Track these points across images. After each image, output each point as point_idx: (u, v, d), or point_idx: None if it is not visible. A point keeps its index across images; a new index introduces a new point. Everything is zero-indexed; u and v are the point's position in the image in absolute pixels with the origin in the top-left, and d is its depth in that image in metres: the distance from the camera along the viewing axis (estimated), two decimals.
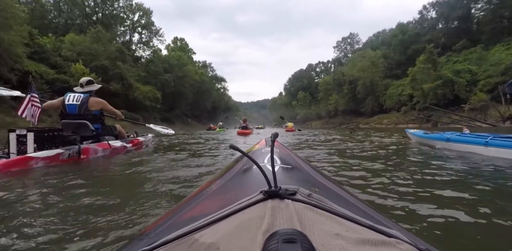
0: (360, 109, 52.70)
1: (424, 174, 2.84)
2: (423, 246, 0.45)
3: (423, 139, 6.10)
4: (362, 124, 46.80)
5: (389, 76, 50.22)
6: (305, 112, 78.75)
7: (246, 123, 15.07)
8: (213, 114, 69.58)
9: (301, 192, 0.53)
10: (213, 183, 0.98)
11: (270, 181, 0.53)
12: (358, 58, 53.49)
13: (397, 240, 0.41)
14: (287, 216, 0.42)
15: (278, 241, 0.32)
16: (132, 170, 3.20)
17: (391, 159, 4.02)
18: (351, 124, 50.82)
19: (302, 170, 1.01)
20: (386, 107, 45.33)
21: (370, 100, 49.11)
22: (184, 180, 2.58)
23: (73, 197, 1.97)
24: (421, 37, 52.18)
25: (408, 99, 40.50)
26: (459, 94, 32.96)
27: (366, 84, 48.04)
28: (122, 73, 32.34)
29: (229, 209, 0.51)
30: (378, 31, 72.13)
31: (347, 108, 57.05)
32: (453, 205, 1.76)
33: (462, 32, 46.19)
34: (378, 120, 43.66)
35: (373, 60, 48.38)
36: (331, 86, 65.59)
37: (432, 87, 34.13)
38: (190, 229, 0.47)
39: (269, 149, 0.64)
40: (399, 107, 41.71)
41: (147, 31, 47.73)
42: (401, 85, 44.65)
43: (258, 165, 0.56)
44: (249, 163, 0.99)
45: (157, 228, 0.67)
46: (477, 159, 3.93)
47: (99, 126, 4.35)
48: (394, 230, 0.50)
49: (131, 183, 2.68)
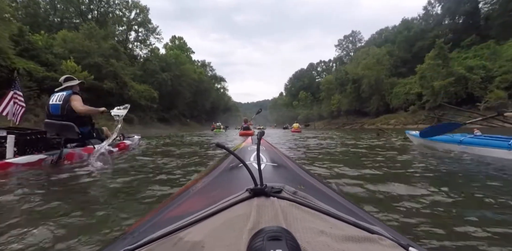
0: (365, 109, 50.81)
1: (444, 180, 2.72)
2: (405, 242, 0.46)
3: (429, 141, 5.62)
4: (368, 124, 44.97)
5: (395, 74, 48.41)
6: (306, 113, 77.08)
7: (248, 123, 14.33)
8: (212, 115, 67.97)
9: (287, 189, 0.53)
10: (199, 181, 0.97)
11: (256, 179, 0.53)
12: (362, 55, 51.63)
13: (379, 236, 0.41)
14: (272, 213, 0.42)
15: (263, 239, 0.32)
16: (116, 173, 3.12)
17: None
18: (355, 124, 49.32)
19: (288, 168, 1.01)
20: (392, 106, 43.36)
21: (375, 100, 47.11)
22: (167, 180, 2.66)
23: (51, 201, 1.92)
24: (427, 33, 50.52)
25: (416, 98, 38.69)
26: (473, 91, 31.05)
27: (371, 82, 46.05)
28: (116, 71, 30.51)
29: (215, 207, 0.51)
30: (381, 29, 70.75)
31: (351, 108, 55.19)
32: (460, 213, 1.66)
33: (470, 27, 44.52)
34: (385, 120, 41.76)
35: (378, 57, 46.38)
36: (333, 85, 63.95)
37: (444, 84, 32.26)
38: (175, 228, 0.46)
39: (256, 147, 0.65)
40: (407, 106, 39.84)
41: (144, 29, 45.99)
42: (408, 83, 42.87)
43: (244, 163, 0.56)
44: (236, 161, 1.00)
45: (141, 227, 0.67)
46: (499, 163, 3.62)
47: (86, 129, 4.14)
48: (377, 226, 0.51)
49: (112, 185, 2.53)
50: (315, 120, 67.81)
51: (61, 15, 40.07)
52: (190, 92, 50.04)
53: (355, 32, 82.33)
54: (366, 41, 74.43)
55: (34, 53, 27.42)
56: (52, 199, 1.98)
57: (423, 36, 50.54)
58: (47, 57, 28.18)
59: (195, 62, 67.86)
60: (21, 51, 26.02)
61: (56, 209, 1.75)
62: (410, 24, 56.17)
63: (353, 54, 71.85)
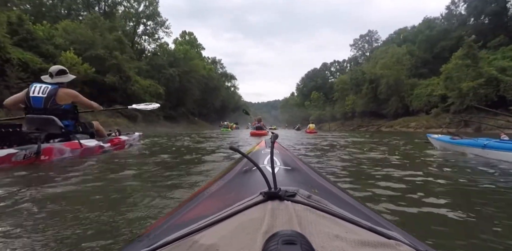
0: (382, 111, 47.90)
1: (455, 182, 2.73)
2: (423, 248, 0.46)
3: (451, 145, 5.47)
4: (385, 127, 42.37)
5: (415, 75, 45.50)
6: (318, 113, 74.32)
7: (261, 122, 13.65)
8: (222, 113, 66.24)
9: (301, 193, 0.53)
10: (213, 184, 0.98)
11: (269, 183, 0.53)
12: (381, 54, 48.93)
13: (396, 242, 0.41)
14: (286, 217, 0.42)
15: (278, 243, 0.32)
16: (102, 172, 2.93)
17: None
18: (371, 126, 46.76)
19: (301, 172, 1.01)
20: (412, 109, 40.51)
21: (394, 101, 44.16)
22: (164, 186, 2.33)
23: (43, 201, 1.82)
24: (451, 33, 47.65)
25: (439, 100, 35.86)
26: (505, 94, 28.22)
27: (390, 83, 43.24)
28: (119, 65, 28.80)
29: (228, 210, 0.51)
30: (400, 28, 67.86)
31: (366, 110, 52.37)
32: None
33: (498, 28, 41.40)
34: (404, 123, 38.95)
35: (398, 56, 43.60)
36: (348, 86, 61.40)
37: (473, 86, 29.40)
38: (190, 231, 0.47)
39: (269, 150, 0.65)
40: (429, 109, 36.96)
41: (153, 22, 44.26)
42: (430, 84, 40.02)
43: (258, 167, 0.57)
44: (249, 164, 1.00)
45: (157, 229, 0.68)
46: None
47: (71, 123, 3.94)
48: (394, 232, 0.51)
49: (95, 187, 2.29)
50: (328, 121, 65.34)
51: (68, 7, 38.78)
52: (199, 89, 48.24)
53: (372, 32, 79.54)
54: (383, 41, 71.51)
55: (33, 44, 26.01)
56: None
57: (446, 36, 47.63)
58: (47, 48, 26.73)
59: (205, 58, 66.14)
60: (19, 40, 24.65)
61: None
62: (432, 23, 53.33)
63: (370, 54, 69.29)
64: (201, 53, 62.65)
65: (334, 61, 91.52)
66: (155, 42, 44.86)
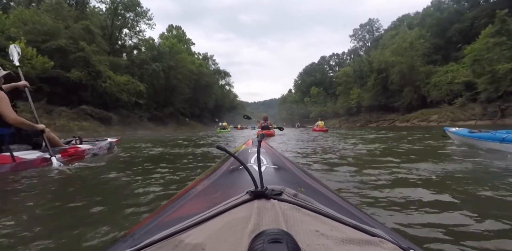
0: (393, 104, 43.09)
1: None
2: (406, 245, 0.46)
3: (468, 139, 5.08)
4: (399, 121, 37.50)
5: (428, 62, 40.80)
6: (319, 110, 69.54)
7: (268, 121, 12.54)
8: (216, 114, 61.28)
9: (287, 192, 0.54)
10: (199, 184, 0.97)
11: (256, 182, 0.53)
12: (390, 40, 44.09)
13: (380, 239, 0.41)
14: (273, 216, 0.42)
15: (264, 241, 0.32)
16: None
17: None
18: (382, 121, 42.04)
19: (288, 170, 1.01)
20: (431, 99, 35.69)
21: (408, 92, 39.29)
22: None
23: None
24: (464, 15, 43.04)
25: (463, 88, 31.21)
26: None
27: (403, 71, 38.44)
28: (87, 57, 23.80)
29: (215, 209, 0.51)
30: (404, 14, 63.31)
31: (374, 103, 47.57)
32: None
33: None
34: (423, 116, 34.09)
35: (411, 40, 38.67)
36: (351, 78, 56.70)
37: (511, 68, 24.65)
38: (176, 230, 0.47)
39: (256, 149, 0.65)
40: (451, 99, 32.29)
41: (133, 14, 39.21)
42: (449, 71, 35.32)
43: (244, 166, 0.56)
44: (236, 163, 1.00)
45: (142, 229, 0.67)
46: None
47: (6, 131, 3.18)
48: (378, 229, 0.51)
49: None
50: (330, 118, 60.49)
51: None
52: (188, 86, 43.20)
53: (373, 20, 74.77)
54: (386, 30, 66.82)
55: None
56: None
57: (458, 18, 42.88)
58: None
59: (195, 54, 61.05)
60: None
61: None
62: (442, 5, 48.77)
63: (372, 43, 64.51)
64: (190, 48, 57.65)
65: (333, 54, 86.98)
66: (137, 35, 39.78)
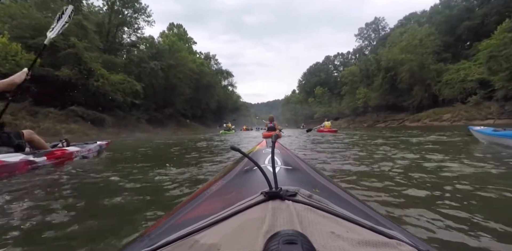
0: (402, 103, 41.49)
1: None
2: (424, 248, 0.46)
3: (494, 137, 4.96)
4: (409, 121, 35.85)
5: (438, 60, 39.19)
6: (324, 110, 67.99)
7: (274, 122, 12.06)
8: (219, 115, 59.77)
9: (302, 193, 0.53)
10: (214, 184, 0.98)
11: (270, 182, 0.53)
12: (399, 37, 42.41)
13: (397, 241, 0.41)
14: (287, 217, 0.42)
15: (279, 242, 0.32)
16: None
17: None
18: (391, 121, 40.35)
19: (302, 171, 1.02)
20: (443, 98, 34.03)
21: (418, 91, 37.65)
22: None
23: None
24: (474, 12, 41.42)
25: (477, 85, 29.55)
26: None
27: (413, 69, 36.77)
28: (79, 54, 22.42)
29: (230, 210, 0.51)
30: (411, 13, 61.67)
31: (382, 103, 45.99)
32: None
33: None
34: (434, 115, 32.42)
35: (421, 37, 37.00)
36: (357, 78, 55.11)
37: None
38: (191, 230, 0.47)
39: (270, 150, 0.66)
40: (464, 97, 30.66)
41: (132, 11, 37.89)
42: (461, 68, 33.63)
43: (258, 166, 0.56)
44: (250, 164, 1.02)
45: (158, 229, 0.68)
46: None
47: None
48: (395, 231, 0.51)
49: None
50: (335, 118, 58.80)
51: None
52: (189, 86, 41.73)
53: (378, 19, 73.08)
54: (392, 29, 65.14)
55: None
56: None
57: (468, 16, 41.36)
58: None
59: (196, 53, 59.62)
60: None
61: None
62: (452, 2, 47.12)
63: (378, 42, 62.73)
64: (191, 47, 56.27)
65: (338, 54, 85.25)
66: (135, 33, 38.42)
